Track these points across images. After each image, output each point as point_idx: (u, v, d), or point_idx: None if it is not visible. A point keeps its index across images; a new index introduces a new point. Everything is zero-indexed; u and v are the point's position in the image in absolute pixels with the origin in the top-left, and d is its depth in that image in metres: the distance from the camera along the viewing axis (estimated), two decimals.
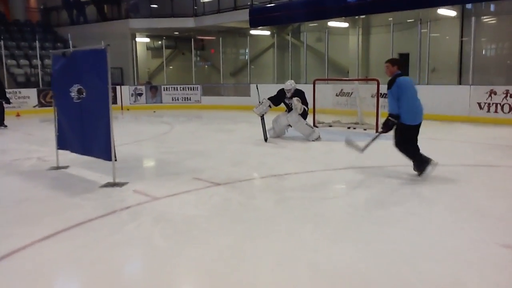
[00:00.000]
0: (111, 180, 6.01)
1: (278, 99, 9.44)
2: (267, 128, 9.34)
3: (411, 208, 4.81)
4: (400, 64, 6.04)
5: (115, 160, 6.02)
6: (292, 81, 9.55)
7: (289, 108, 9.34)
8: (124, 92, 18.38)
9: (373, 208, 4.80)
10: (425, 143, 9.16)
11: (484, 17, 13.85)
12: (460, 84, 14.30)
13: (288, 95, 9.32)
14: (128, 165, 7.21)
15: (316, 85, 11.45)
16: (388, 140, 9.05)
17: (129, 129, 12.42)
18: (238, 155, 8.00)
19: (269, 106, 9.31)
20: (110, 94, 5.82)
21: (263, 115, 9.32)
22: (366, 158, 7.36)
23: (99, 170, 6.60)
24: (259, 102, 9.36)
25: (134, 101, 18.31)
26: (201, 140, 9.85)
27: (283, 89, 9.42)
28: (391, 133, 6.13)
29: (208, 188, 5.72)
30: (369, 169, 6.67)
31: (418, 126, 6.00)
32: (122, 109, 18.12)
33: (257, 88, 10.00)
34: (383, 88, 12.74)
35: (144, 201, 5.17)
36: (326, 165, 7.03)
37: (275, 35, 18.33)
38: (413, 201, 5.08)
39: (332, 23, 16.37)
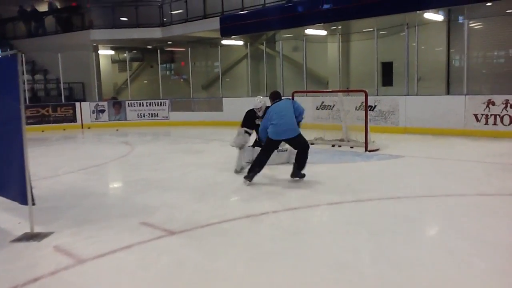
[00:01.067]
0: (30, 230, 4.51)
1: (251, 122, 7.83)
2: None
3: (441, 269, 3.42)
4: (275, 97, 6.86)
5: (33, 204, 4.50)
6: (261, 97, 7.99)
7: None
8: (85, 109, 16.72)
9: (386, 272, 3.40)
10: (426, 164, 7.74)
11: (472, 21, 12.78)
12: (448, 94, 13.22)
13: (260, 114, 7.68)
14: (61, 203, 5.69)
15: (294, 98, 10.10)
16: (382, 160, 7.66)
17: (81, 152, 10.85)
18: (204, 185, 6.53)
19: (248, 134, 7.72)
20: (24, 116, 4.32)
21: (242, 146, 7.66)
22: (361, 187, 6.01)
23: (23, 213, 5.01)
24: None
25: (96, 119, 16.67)
26: (163, 165, 8.35)
27: (252, 109, 7.94)
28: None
29: (157, 239, 4.24)
30: (368, 203, 5.30)
31: (278, 141, 6.66)
32: (82, 127, 16.47)
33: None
34: (371, 101, 11.64)
35: (63, 267, 3.66)
36: (311, 198, 5.64)
37: (249, 45, 16.98)
38: (440, 256, 3.69)
39: (309, 31, 15.12)
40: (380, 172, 7.06)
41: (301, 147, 6.56)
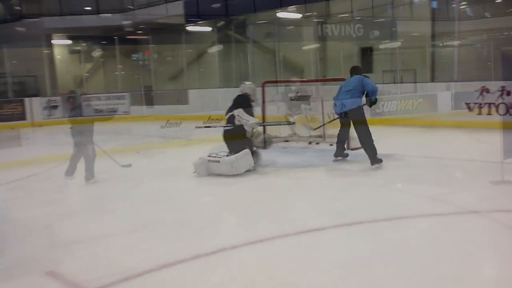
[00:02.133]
0: None
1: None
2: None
3: None
4: (352, 72, 6.92)
5: None
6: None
7: None
8: (36, 105, 15.05)
9: None
10: (424, 166, 6.27)
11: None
12: (432, 81, 12.15)
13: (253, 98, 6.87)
14: None
15: (265, 89, 8.89)
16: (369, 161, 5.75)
17: (17, 158, 9.27)
18: (153, 203, 5.16)
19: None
20: None
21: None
22: (349, 202, 4.70)
23: None
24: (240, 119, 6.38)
25: (48, 116, 15.01)
26: (107, 174, 6.87)
27: (242, 94, 6.74)
28: None
29: None
30: (362, 228, 4.05)
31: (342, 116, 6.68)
32: (33, 126, 14.81)
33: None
34: None
35: None
36: (296, 220, 4.36)
37: (216, 31, 15.57)
38: None
39: (282, 14, 13.81)
40: (372, 178, 5.81)
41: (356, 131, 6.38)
